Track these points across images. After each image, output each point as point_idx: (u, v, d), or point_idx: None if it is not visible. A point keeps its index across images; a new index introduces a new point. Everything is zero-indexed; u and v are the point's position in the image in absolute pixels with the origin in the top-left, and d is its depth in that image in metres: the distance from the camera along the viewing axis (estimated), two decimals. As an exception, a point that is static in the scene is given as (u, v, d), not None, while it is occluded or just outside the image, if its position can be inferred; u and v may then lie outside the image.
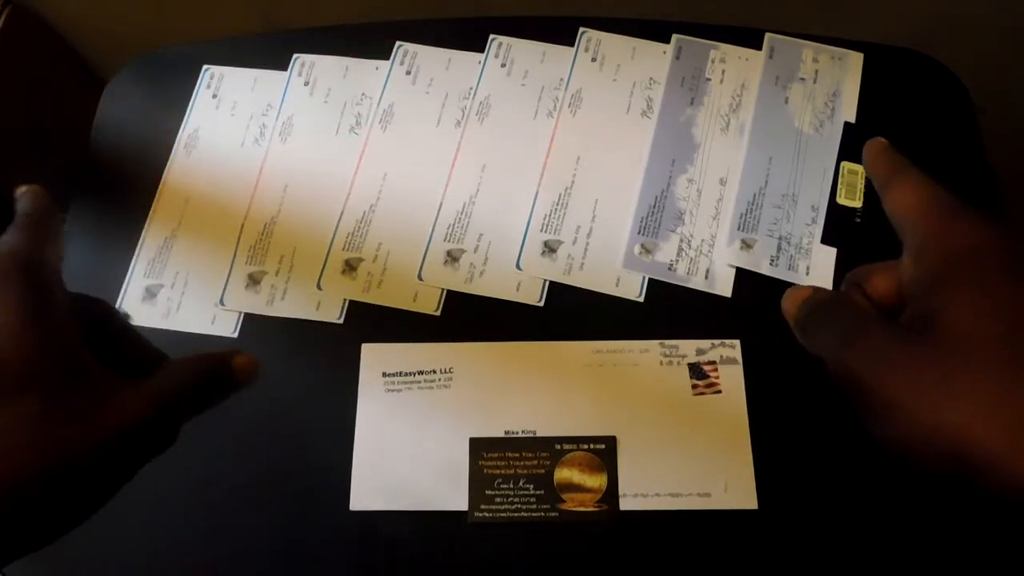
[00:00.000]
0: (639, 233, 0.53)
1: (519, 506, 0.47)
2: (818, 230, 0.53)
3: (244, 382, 0.30)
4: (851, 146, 0.55)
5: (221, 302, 0.53)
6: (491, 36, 0.59)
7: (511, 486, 0.47)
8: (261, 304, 0.53)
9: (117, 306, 0.54)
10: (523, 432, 0.48)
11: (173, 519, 0.48)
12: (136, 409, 0.26)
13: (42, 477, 0.23)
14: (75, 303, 0.28)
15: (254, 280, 0.54)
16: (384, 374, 0.50)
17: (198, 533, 0.48)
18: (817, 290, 0.29)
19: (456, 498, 0.47)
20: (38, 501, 0.24)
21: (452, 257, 0.53)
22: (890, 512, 0.46)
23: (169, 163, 0.58)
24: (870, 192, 0.54)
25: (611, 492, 0.47)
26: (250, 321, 0.53)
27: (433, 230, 0.54)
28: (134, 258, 0.55)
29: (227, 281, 0.54)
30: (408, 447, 0.49)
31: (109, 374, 0.26)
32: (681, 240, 0.53)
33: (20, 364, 0.24)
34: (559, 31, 0.59)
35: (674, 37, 0.59)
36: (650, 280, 0.52)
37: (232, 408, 0.50)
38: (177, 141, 0.59)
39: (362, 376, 0.50)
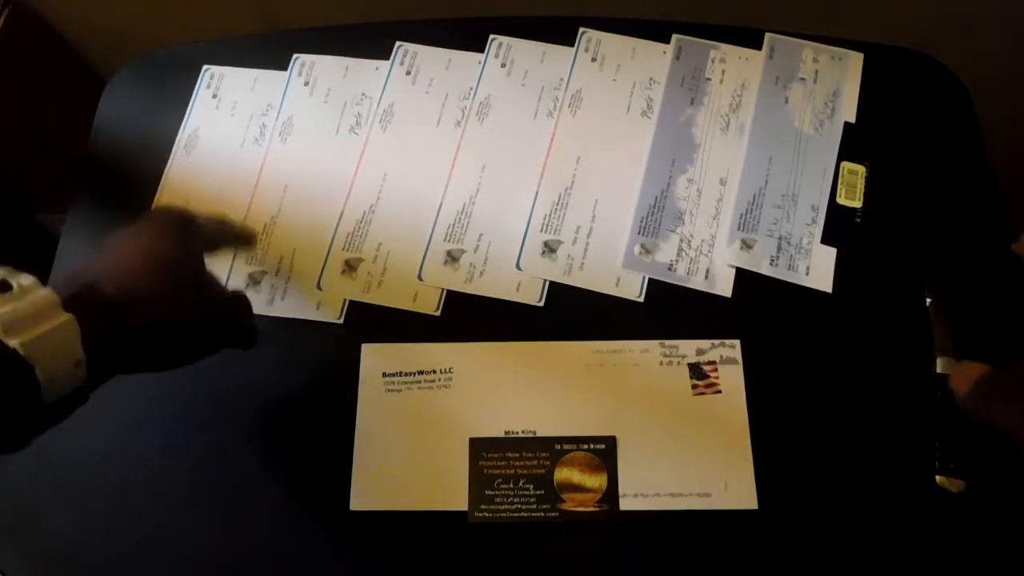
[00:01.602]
0: (639, 233, 0.53)
1: (519, 506, 0.47)
2: (818, 230, 0.53)
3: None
4: (851, 146, 0.55)
5: (221, 302, 0.53)
6: (491, 36, 0.59)
7: (511, 486, 0.47)
8: (261, 304, 0.53)
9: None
10: (523, 432, 0.48)
11: (173, 519, 0.48)
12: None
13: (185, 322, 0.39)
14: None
15: (254, 280, 0.54)
16: (384, 374, 0.50)
17: (199, 533, 0.48)
18: (994, 367, 0.30)
19: (456, 498, 0.47)
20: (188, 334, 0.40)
21: (452, 257, 0.53)
22: (890, 512, 0.46)
23: (169, 163, 0.58)
24: (870, 192, 0.54)
25: (611, 492, 0.47)
26: (250, 321, 0.53)
27: (433, 230, 0.54)
28: (134, 258, 0.55)
29: (227, 281, 0.54)
30: (408, 447, 0.49)
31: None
32: (681, 240, 0.53)
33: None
34: (559, 31, 0.59)
35: (674, 37, 0.59)
36: (650, 280, 0.52)
37: (233, 408, 0.51)
38: (177, 141, 0.59)
39: (362, 376, 0.50)
